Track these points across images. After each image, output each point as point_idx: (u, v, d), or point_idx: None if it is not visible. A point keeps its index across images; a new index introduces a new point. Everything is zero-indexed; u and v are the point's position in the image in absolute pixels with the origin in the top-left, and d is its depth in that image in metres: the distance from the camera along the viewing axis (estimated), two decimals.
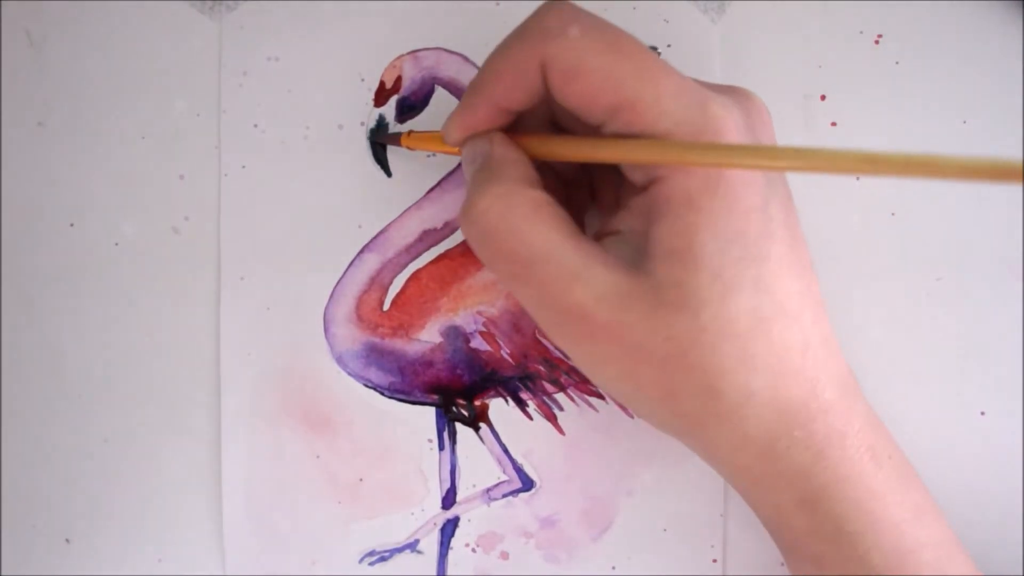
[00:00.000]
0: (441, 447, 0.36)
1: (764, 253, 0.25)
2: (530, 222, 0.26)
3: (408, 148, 0.34)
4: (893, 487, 0.28)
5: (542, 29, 0.26)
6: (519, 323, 0.35)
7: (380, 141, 0.36)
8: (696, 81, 0.27)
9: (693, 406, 0.27)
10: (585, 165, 0.32)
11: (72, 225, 0.37)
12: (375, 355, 0.36)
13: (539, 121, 0.30)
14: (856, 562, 0.28)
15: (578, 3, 0.35)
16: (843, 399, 0.28)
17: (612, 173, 0.30)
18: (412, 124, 0.36)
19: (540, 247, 0.25)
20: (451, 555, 0.36)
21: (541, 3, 0.27)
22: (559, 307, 0.26)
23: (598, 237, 0.28)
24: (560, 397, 0.36)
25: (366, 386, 0.36)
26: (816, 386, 0.27)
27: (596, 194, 0.32)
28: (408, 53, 0.36)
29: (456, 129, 0.29)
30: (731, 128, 0.25)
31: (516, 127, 0.29)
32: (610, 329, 0.26)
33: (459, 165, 0.36)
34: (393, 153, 0.36)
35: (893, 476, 0.28)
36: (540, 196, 0.26)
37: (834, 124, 0.35)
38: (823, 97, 0.35)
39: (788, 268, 0.26)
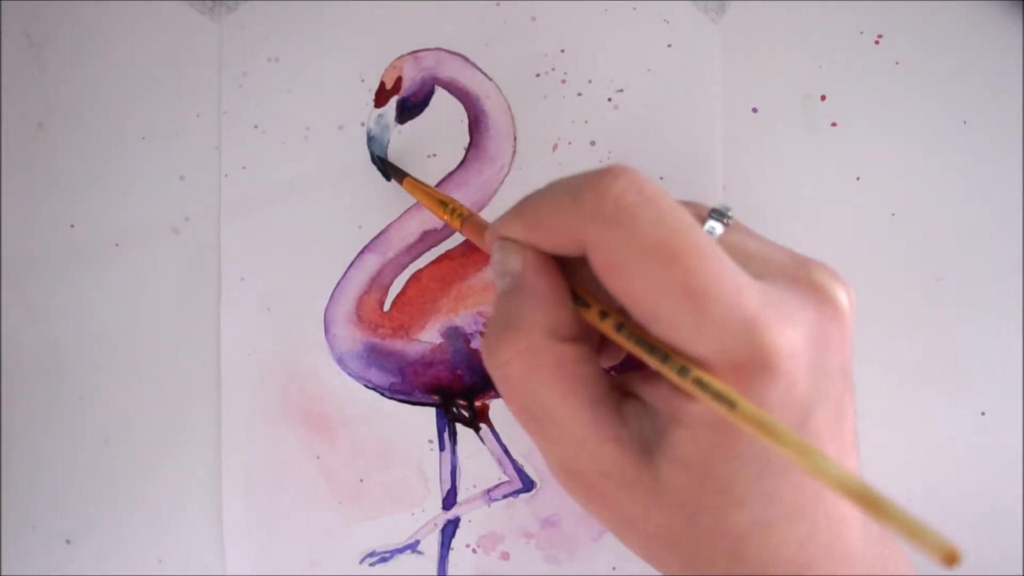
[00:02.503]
0: (442, 447, 0.36)
1: (785, 467, 0.24)
2: (550, 385, 0.24)
3: (410, 193, 0.33)
4: None
5: (596, 203, 0.22)
6: None
7: (383, 162, 0.35)
8: (763, 254, 0.24)
9: (672, 572, 0.26)
10: None
11: (72, 226, 0.37)
12: (375, 356, 0.36)
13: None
14: None
15: (578, 3, 0.35)
16: (832, 572, 0.26)
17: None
18: (412, 125, 0.36)
19: (555, 411, 0.24)
20: (452, 555, 0.36)
21: (607, 166, 0.23)
22: (564, 466, 0.25)
23: (624, 389, 0.26)
24: None
25: (366, 387, 0.36)
26: (806, 570, 0.25)
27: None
28: (408, 53, 0.36)
29: (491, 236, 0.26)
30: (784, 365, 0.22)
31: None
32: (606, 501, 0.25)
33: (459, 166, 0.36)
34: (393, 154, 0.36)
35: None
36: (567, 353, 0.24)
37: (834, 124, 0.35)
38: (823, 97, 0.35)
39: (790, 490, 0.25)
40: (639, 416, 0.25)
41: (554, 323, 0.24)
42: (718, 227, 0.25)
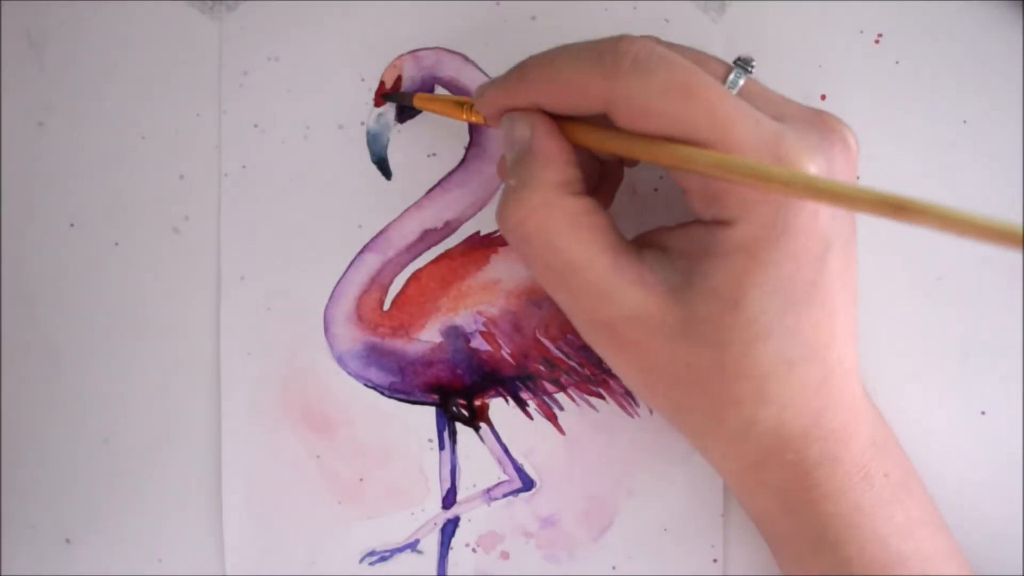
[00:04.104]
0: (441, 447, 0.36)
1: (807, 300, 0.26)
2: (566, 236, 0.26)
3: (424, 109, 0.34)
4: (884, 503, 0.29)
5: (616, 62, 0.24)
6: (519, 323, 0.35)
7: (393, 101, 0.36)
8: (781, 101, 0.27)
9: (698, 422, 0.28)
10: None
11: (72, 225, 0.37)
12: (375, 355, 0.36)
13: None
14: (837, 568, 0.28)
15: (578, 3, 0.35)
16: (847, 425, 0.28)
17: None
18: (412, 124, 0.36)
19: (575, 261, 0.26)
20: (451, 555, 0.36)
21: (619, 36, 0.25)
22: (589, 318, 0.27)
23: (642, 243, 0.28)
24: (560, 397, 0.36)
25: (366, 386, 0.36)
26: (821, 417, 0.27)
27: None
28: (408, 53, 0.36)
29: (491, 105, 0.28)
30: (804, 165, 0.24)
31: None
32: (634, 346, 0.26)
33: (459, 165, 0.36)
34: (393, 153, 0.36)
35: (886, 492, 0.29)
36: (579, 205, 0.26)
37: None
38: (823, 97, 0.35)
39: (828, 311, 0.26)
40: (662, 262, 0.27)
41: (564, 179, 0.26)
42: (742, 75, 0.27)
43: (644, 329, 0.26)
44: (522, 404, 0.36)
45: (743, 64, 0.27)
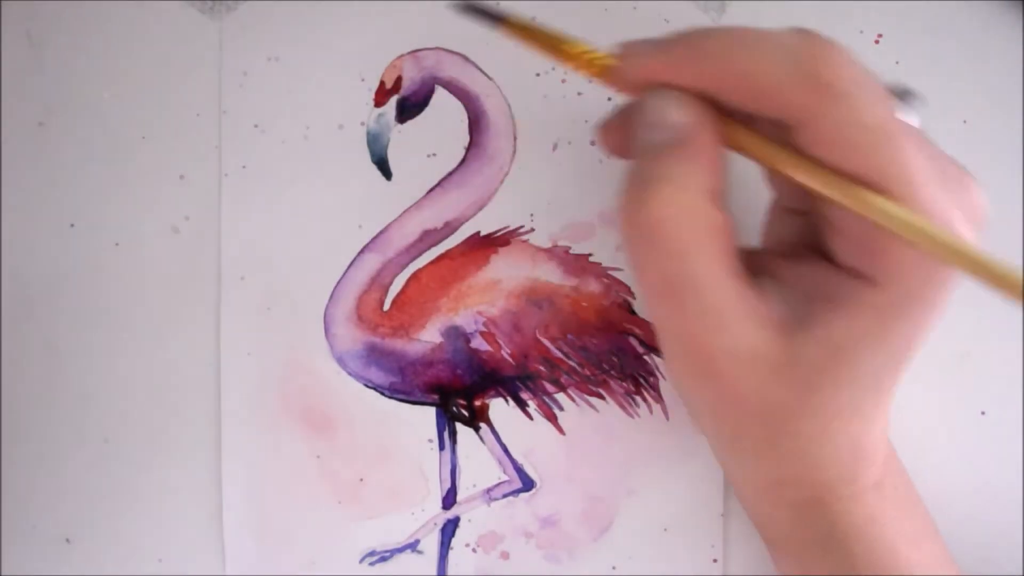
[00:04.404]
0: (441, 447, 0.36)
1: (905, 363, 0.25)
2: (703, 251, 0.23)
3: (514, 38, 0.29)
4: (895, 514, 0.28)
5: (816, 72, 0.22)
6: (520, 323, 0.35)
7: (475, 16, 0.30)
8: (940, 155, 0.25)
9: (746, 446, 0.27)
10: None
11: (72, 225, 0.37)
12: (375, 355, 0.36)
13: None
14: (842, 571, 0.28)
15: (578, 3, 0.35)
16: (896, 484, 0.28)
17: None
18: (412, 124, 0.36)
19: (700, 279, 0.23)
20: (451, 555, 0.36)
21: (817, 36, 0.23)
22: (690, 344, 0.24)
23: (754, 268, 0.25)
24: (560, 397, 0.36)
25: (366, 386, 0.36)
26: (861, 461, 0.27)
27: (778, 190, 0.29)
28: (408, 53, 0.36)
29: (641, 70, 0.24)
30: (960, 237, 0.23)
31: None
32: (724, 376, 0.24)
33: (459, 165, 0.36)
34: (393, 153, 0.36)
35: (897, 503, 0.29)
36: (721, 219, 0.23)
37: None
38: None
39: (896, 383, 0.26)
40: (775, 295, 0.25)
41: (716, 187, 0.23)
42: (914, 117, 0.25)
43: (742, 362, 0.24)
44: (522, 404, 0.36)
45: (918, 102, 0.25)
